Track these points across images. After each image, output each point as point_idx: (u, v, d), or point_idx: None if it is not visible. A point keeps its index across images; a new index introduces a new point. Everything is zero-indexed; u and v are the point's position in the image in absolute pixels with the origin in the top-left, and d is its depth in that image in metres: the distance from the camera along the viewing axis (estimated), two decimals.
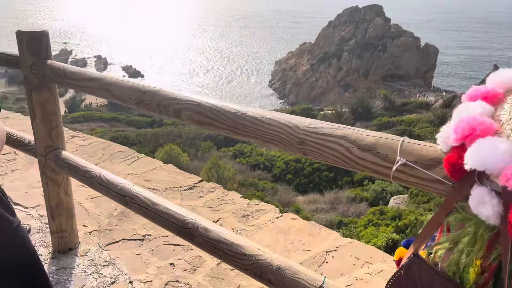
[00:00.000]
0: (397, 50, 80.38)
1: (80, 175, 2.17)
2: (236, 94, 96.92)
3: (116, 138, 25.83)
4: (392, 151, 1.10)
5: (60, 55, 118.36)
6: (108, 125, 48.87)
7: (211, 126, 1.49)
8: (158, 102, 1.67)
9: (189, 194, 3.28)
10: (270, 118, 1.36)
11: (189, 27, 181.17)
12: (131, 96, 1.79)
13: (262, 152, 24.69)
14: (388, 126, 34.88)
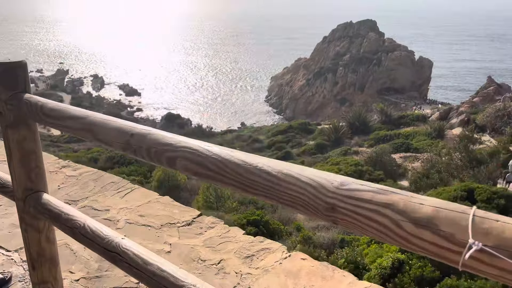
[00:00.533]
0: (391, 63, 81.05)
1: (62, 224, 1.90)
2: (232, 111, 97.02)
3: (113, 157, 25.51)
4: (461, 229, 0.78)
5: (56, 75, 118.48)
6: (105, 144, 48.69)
7: (213, 180, 1.20)
8: (148, 148, 1.41)
9: (187, 231, 3.00)
10: (288, 174, 1.05)
11: (183, 44, 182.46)
12: (117, 139, 1.54)
13: None
14: (385, 140, 34.75)
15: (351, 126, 38.84)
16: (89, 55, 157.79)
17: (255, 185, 1.11)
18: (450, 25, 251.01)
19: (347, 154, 31.20)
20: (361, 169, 21.27)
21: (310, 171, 1.05)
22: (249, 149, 38.21)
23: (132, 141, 1.47)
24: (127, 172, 21.40)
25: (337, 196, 0.97)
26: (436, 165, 18.36)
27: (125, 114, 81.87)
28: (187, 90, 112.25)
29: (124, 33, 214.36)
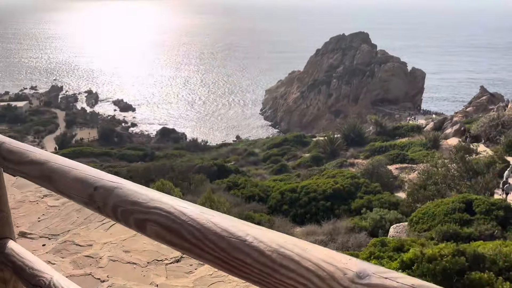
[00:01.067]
0: (385, 75, 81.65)
1: (25, 280, 1.66)
2: (227, 124, 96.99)
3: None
4: None
5: (50, 91, 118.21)
6: (100, 160, 48.18)
7: (190, 253, 0.95)
8: (115, 206, 1.19)
9: (175, 269, 2.75)
10: (286, 255, 0.76)
11: (175, 59, 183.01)
12: (79, 192, 1.33)
13: (256, 183, 24.14)
14: (381, 151, 34.63)
15: (346, 137, 38.74)
16: (83, 71, 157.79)
17: (243, 267, 0.84)
18: (440, 36, 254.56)
19: (343, 166, 31.03)
20: (358, 182, 21.07)
21: (316, 251, 0.75)
22: (244, 162, 37.91)
23: (96, 195, 1.25)
24: None
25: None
26: (432, 176, 18.21)
27: (119, 129, 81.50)
28: (181, 105, 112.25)
29: (117, 49, 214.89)
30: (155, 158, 45.47)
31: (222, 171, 27.84)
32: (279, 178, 26.68)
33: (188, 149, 56.44)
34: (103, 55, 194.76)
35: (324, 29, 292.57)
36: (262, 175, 30.65)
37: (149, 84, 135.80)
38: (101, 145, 63.76)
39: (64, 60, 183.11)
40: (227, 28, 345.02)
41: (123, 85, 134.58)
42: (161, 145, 69.15)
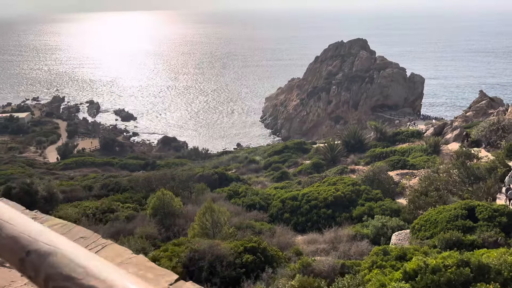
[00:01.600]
0: (384, 81, 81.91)
1: None
2: (228, 132, 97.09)
3: (108, 184, 25.20)
4: None
5: (52, 102, 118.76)
6: (101, 169, 48.29)
7: None
8: (46, 279, 0.97)
9: None
10: None
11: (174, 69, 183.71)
12: (8, 256, 1.09)
13: (257, 191, 24.11)
14: (381, 157, 34.58)
15: (347, 144, 38.74)
16: (84, 81, 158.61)
17: None
18: (437, 41, 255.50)
19: (344, 173, 31.00)
20: (359, 189, 21.06)
21: None
22: (245, 170, 37.91)
23: (27, 262, 1.01)
24: (122, 199, 21.11)
25: None
26: (434, 182, 18.20)
27: (121, 139, 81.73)
28: (181, 114, 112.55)
29: (117, 60, 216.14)
30: (156, 167, 45.54)
31: (223, 180, 27.88)
32: (280, 186, 26.67)
33: (190, 157, 56.53)
34: (103, 66, 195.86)
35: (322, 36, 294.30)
36: (263, 183, 30.64)
37: (149, 93, 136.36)
38: (103, 154, 63.93)
39: (65, 71, 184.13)
40: (225, 37, 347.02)
41: (124, 95, 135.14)
42: (162, 154, 69.31)
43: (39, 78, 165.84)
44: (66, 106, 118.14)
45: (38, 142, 70.01)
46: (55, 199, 18.04)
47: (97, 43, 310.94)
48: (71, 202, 19.25)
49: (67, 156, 57.31)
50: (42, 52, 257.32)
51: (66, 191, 21.18)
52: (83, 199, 20.55)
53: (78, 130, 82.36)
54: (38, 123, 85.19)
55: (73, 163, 48.87)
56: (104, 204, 18.11)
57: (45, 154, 64.10)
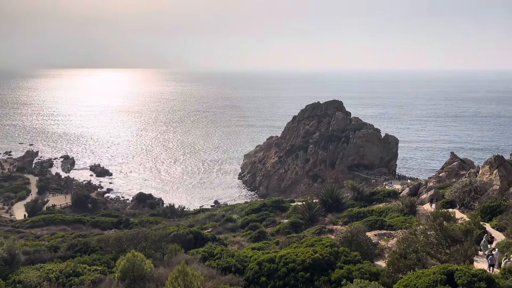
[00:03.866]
0: (359, 141, 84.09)
1: None
2: (205, 188, 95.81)
3: (75, 245, 23.87)
4: None
5: (26, 156, 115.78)
6: (71, 227, 46.04)
7: None
8: None
9: None
10: None
11: (150, 125, 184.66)
12: None
13: (233, 253, 23.28)
14: (359, 217, 34.46)
15: (324, 203, 38.58)
16: (59, 136, 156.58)
17: None
18: (407, 105, 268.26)
19: (322, 232, 30.54)
20: (337, 250, 20.61)
21: None
22: (222, 229, 36.87)
23: None
24: (89, 261, 19.91)
25: None
26: (412, 244, 18.02)
27: (95, 195, 79.29)
28: (158, 169, 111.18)
29: (93, 115, 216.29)
30: (130, 225, 43.84)
31: (198, 239, 26.94)
32: (257, 247, 25.91)
33: (165, 215, 54.96)
34: (80, 121, 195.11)
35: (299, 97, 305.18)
36: (240, 243, 29.76)
37: (125, 149, 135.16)
38: (75, 211, 61.43)
39: (41, 125, 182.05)
40: (202, 95, 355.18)
41: (100, 151, 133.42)
42: (136, 211, 67.18)
43: (12, 132, 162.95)
44: (39, 161, 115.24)
45: (6, 198, 67.08)
46: (16, 261, 16.84)
47: (75, 99, 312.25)
48: (34, 265, 18.01)
49: (35, 213, 54.79)
50: (17, 107, 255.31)
51: (29, 252, 19.88)
52: (47, 261, 19.28)
53: (49, 186, 79.66)
54: (8, 178, 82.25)
55: (41, 220, 46.67)
56: (69, 267, 16.99)
57: (12, 210, 61.21)
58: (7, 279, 15.41)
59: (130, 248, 20.75)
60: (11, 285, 15.06)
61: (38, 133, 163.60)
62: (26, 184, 78.66)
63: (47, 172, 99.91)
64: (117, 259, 19.16)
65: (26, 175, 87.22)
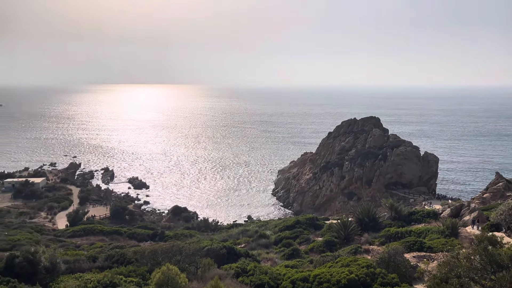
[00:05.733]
0: (397, 158, 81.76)
1: None
2: (239, 203, 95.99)
3: (113, 256, 24.46)
4: None
5: (69, 168, 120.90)
6: (109, 238, 47.35)
7: None
8: None
9: None
10: None
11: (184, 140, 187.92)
12: None
13: (266, 270, 23.06)
14: (397, 237, 33.23)
15: (360, 222, 37.57)
16: (101, 149, 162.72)
17: None
18: (446, 122, 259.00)
19: (358, 252, 29.69)
20: (374, 272, 19.97)
21: None
22: (255, 245, 36.64)
23: None
24: (126, 272, 20.31)
25: None
26: (455, 268, 17.14)
27: (132, 207, 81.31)
28: (193, 182, 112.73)
29: (132, 130, 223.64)
30: (165, 238, 44.49)
31: (232, 254, 26.93)
32: (291, 264, 25.55)
33: (199, 229, 55.46)
34: (117, 135, 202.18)
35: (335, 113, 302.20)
36: (273, 260, 29.45)
37: (161, 162, 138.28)
38: (112, 222, 63.17)
39: (84, 138, 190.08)
40: (238, 111, 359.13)
41: (139, 163, 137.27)
42: (171, 224, 68.22)
43: (57, 145, 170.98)
44: (81, 173, 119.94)
45: (49, 208, 70.01)
46: (57, 270, 17.46)
47: (117, 113, 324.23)
48: (73, 274, 18.59)
49: (76, 223, 56.79)
50: (62, 120, 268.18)
51: (69, 261, 20.57)
52: (86, 271, 19.85)
53: (90, 197, 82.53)
54: (52, 189, 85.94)
55: (81, 230, 48.28)
56: (107, 277, 17.42)
57: (55, 220, 63.73)
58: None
59: (165, 261, 21.03)
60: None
61: (80, 146, 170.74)
62: (69, 195, 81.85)
63: (88, 184, 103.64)
64: (152, 272, 19.44)
65: (69, 186, 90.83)
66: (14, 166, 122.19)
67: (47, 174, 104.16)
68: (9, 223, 53.97)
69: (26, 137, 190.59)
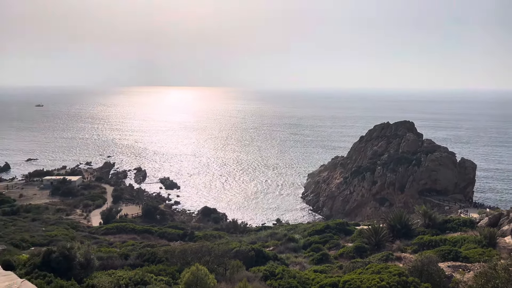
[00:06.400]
0: (432, 164, 79.26)
1: None
2: (267, 206, 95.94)
3: (144, 254, 24.98)
4: None
5: (104, 167, 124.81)
6: (140, 237, 48.42)
7: None
8: None
9: None
10: None
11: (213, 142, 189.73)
12: None
13: (295, 274, 22.88)
14: (430, 246, 32.15)
15: (392, 228, 36.61)
16: (134, 150, 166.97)
17: None
18: (484, 127, 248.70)
19: (389, 260, 28.95)
20: (406, 280, 19.41)
21: None
22: (283, 248, 36.45)
23: None
24: (156, 271, 20.68)
25: None
26: (492, 280, 16.41)
27: (163, 207, 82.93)
28: (223, 185, 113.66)
29: (164, 131, 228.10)
30: (194, 238, 45.03)
31: (260, 257, 26.87)
32: (320, 269, 25.22)
33: (228, 230, 55.77)
34: (149, 136, 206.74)
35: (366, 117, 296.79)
36: (302, 264, 29.19)
37: (192, 163, 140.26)
38: (144, 221, 64.58)
39: (119, 139, 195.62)
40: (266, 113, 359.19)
41: (169, 164, 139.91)
42: (201, 224, 68.99)
43: (93, 144, 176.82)
44: (115, 172, 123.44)
45: (84, 206, 72.38)
46: (91, 266, 17.98)
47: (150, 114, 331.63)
48: (106, 270, 19.10)
49: (109, 221, 58.41)
50: (97, 121, 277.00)
51: (102, 258, 21.16)
52: (118, 268, 20.36)
53: (123, 196, 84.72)
54: (87, 187, 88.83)
55: (114, 228, 49.58)
56: (138, 275, 17.79)
57: (89, 217, 65.80)
58: (81, 283, 16.48)
59: (194, 261, 21.26)
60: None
61: (114, 146, 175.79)
62: (103, 193, 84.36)
63: (121, 183, 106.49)
64: (182, 271, 19.70)
65: (103, 185, 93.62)
66: (52, 164, 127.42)
67: (83, 172, 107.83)
68: (47, 219, 56.19)
69: (63, 136, 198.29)
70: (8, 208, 62.89)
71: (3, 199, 71.43)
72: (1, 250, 28.74)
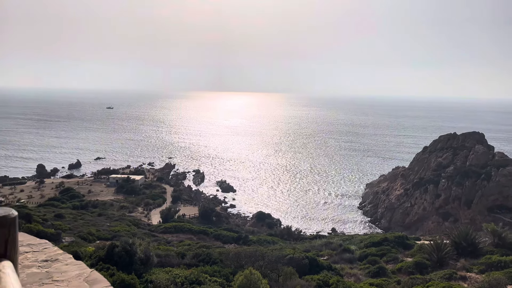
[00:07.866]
0: (504, 179, 73.42)
1: None
2: (322, 215, 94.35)
3: (199, 254, 25.64)
4: None
5: (164, 168, 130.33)
6: (196, 237, 49.80)
7: None
8: None
9: None
10: None
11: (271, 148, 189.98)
12: None
13: (349, 285, 22.25)
14: (499, 266, 29.82)
15: (457, 245, 34.36)
16: (193, 151, 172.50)
17: None
18: None
19: (452, 279, 27.19)
20: None
21: None
22: (338, 258, 35.58)
23: None
24: (210, 271, 21.11)
25: None
26: None
27: (219, 209, 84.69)
28: (277, 189, 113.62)
29: (222, 135, 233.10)
30: (248, 242, 45.40)
31: (314, 266, 26.44)
32: (376, 283, 24.28)
33: (281, 236, 55.57)
34: (213, 140, 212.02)
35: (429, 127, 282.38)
36: (357, 276, 28.29)
37: (248, 168, 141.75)
38: (200, 222, 66.36)
39: (178, 141, 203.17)
40: (324, 120, 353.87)
41: (225, 168, 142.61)
42: (255, 229, 69.46)
43: (154, 146, 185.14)
44: (175, 173, 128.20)
45: (146, 204, 75.84)
46: (150, 263, 18.77)
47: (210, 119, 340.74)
48: (164, 267, 19.83)
49: (168, 220, 60.66)
50: (161, 124, 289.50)
51: (160, 256, 22.00)
52: (174, 266, 21.05)
53: (181, 197, 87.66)
54: (149, 186, 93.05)
55: (172, 227, 51.38)
56: (193, 274, 18.27)
57: (149, 215, 68.82)
58: (141, 278, 17.25)
59: (248, 265, 21.41)
60: (144, 283, 16.82)
61: (175, 148, 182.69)
62: (163, 193, 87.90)
63: (180, 184, 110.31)
64: (235, 274, 19.92)
65: (164, 185, 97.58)
66: (118, 164, 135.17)
67: (146, 172, 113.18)
68: (111, 214, 59.63)
69: (128, 138, 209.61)
70: (78, 202, 67.77)
71: (73, 194, 77.12)
72: (70, 241, 30.97)
